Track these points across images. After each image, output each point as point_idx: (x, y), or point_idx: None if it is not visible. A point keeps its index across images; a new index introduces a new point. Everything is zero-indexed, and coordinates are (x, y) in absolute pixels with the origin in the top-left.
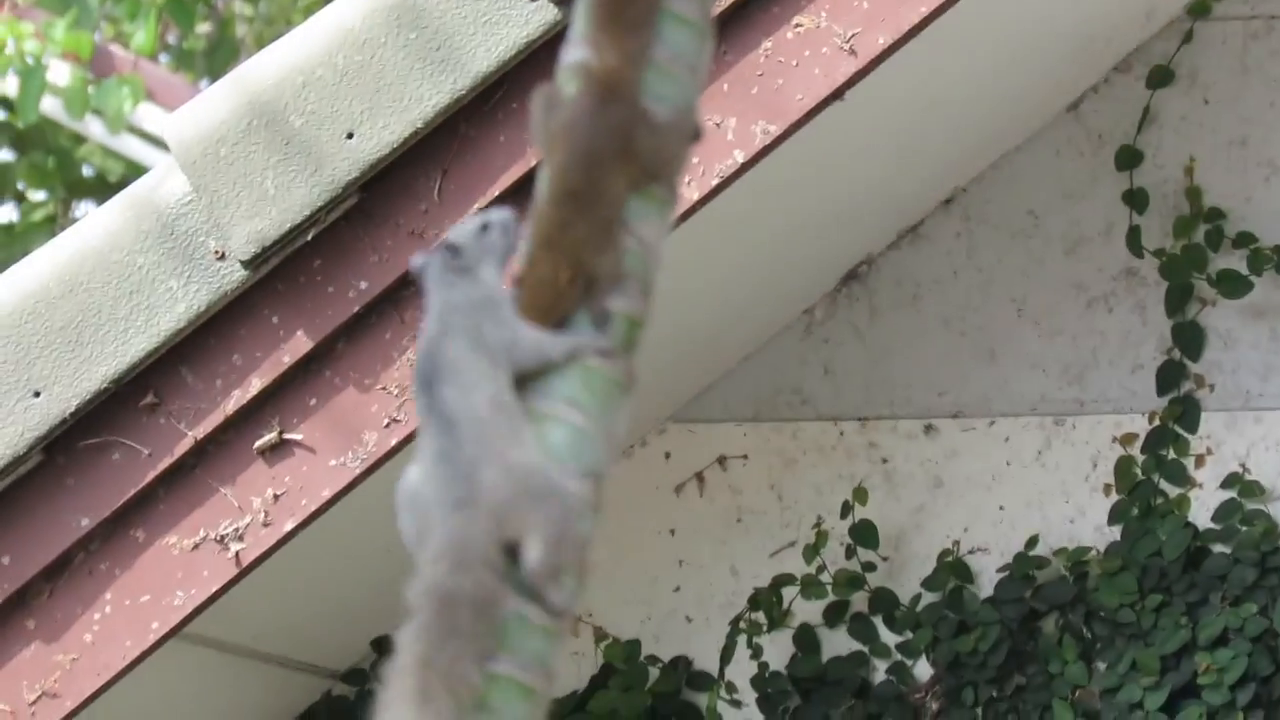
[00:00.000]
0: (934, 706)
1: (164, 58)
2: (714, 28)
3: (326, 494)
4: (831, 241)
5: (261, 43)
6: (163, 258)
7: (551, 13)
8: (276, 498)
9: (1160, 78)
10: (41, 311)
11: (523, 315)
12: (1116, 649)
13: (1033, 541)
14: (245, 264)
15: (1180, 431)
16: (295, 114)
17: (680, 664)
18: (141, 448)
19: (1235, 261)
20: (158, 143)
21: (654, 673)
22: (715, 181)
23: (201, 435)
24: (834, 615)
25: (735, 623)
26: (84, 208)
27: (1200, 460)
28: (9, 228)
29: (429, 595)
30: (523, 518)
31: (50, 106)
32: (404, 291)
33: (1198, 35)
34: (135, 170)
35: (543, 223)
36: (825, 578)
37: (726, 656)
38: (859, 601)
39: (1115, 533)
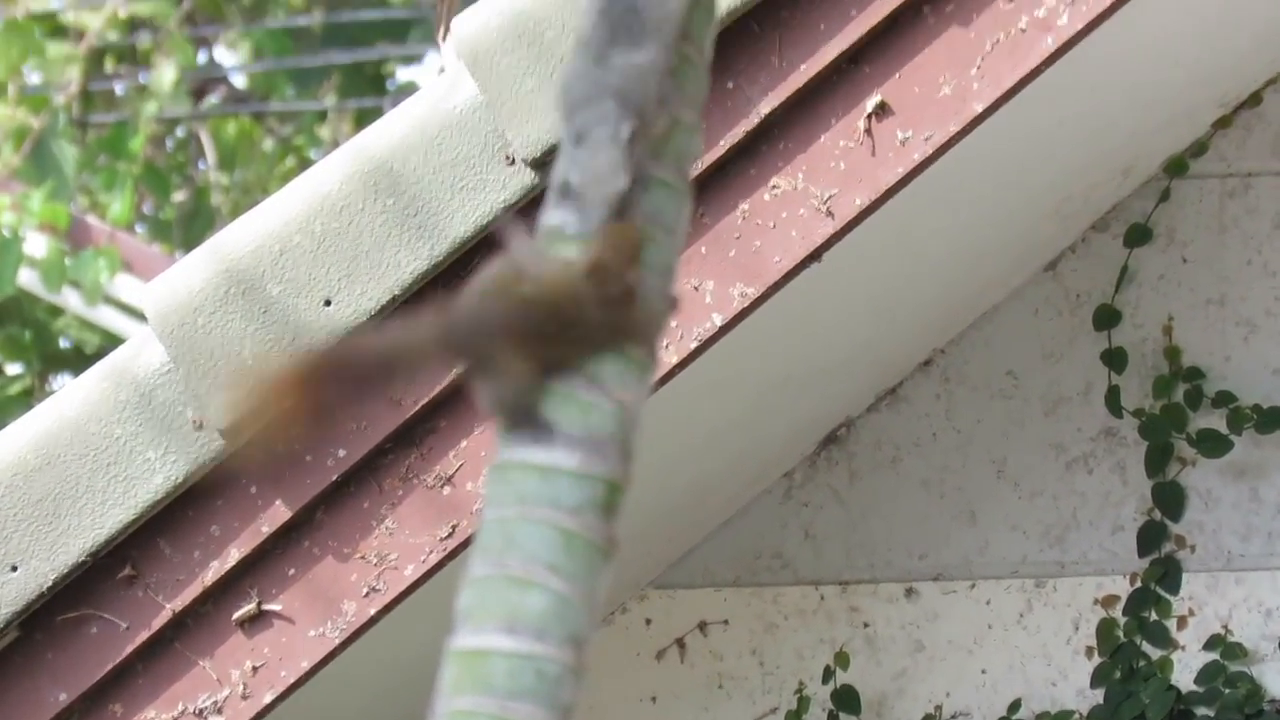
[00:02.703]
0: None
1: (140, 227)
2: (692, 190)
3: (305, 665)
4: (810, 404)
5: (237, 211)
6: (140, 428)
7: (528, 177)
8: (255, 670)
9: (1138, 236)
10: (18, 484)
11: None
12: None
13: (1015, 705)
14: (223, 434)
15: (1162, 593)
16: (273, 282)
17: None
18: (119, 621)
19: (1215, 421)
20: (135, 313)
21: None
22: (694, 345)
23: (180, 607)
24: None
25: None
26: (61, 380)
27: (1182, 622)
28: None
29: None
30: None
31: (27, 278)
32: (382, 460)
33: (1175, 193)
34: (112, 342)
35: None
36: None
37: None
38: None
39: (1098, 695)
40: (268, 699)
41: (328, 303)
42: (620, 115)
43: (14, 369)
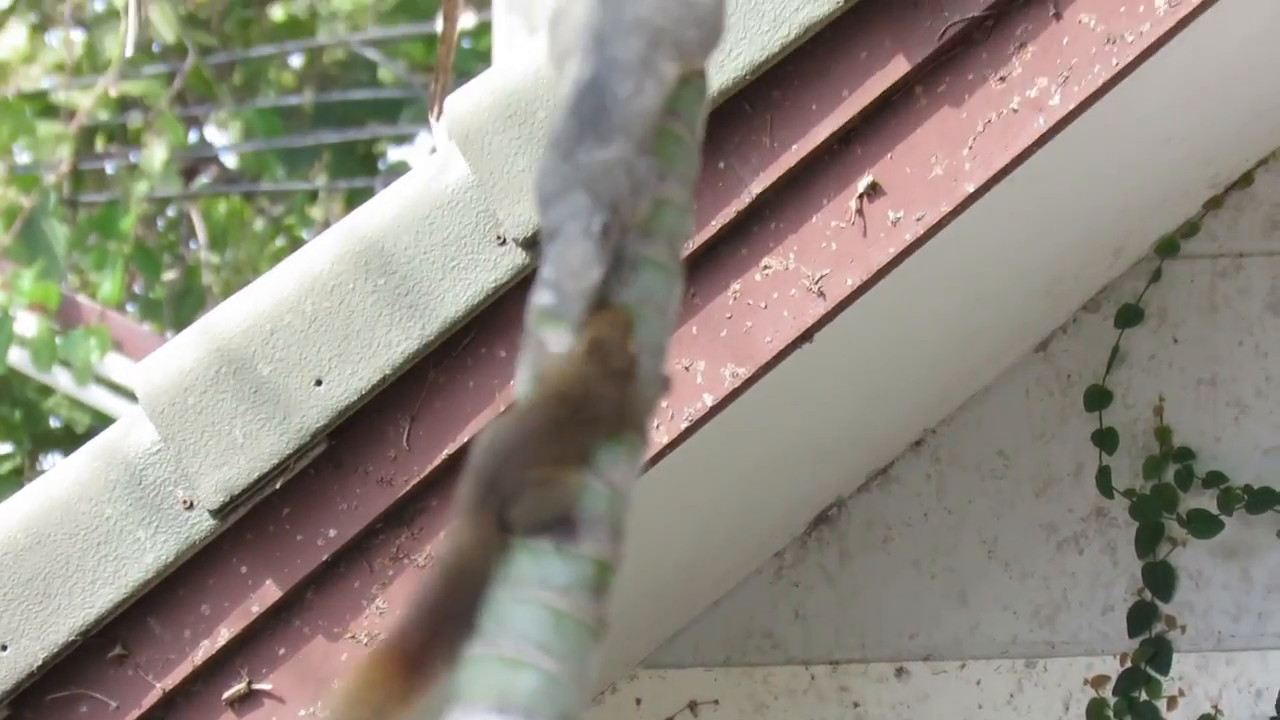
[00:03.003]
0: None
1: (131, 307)
2: (683, 270)
3: None
4: (801, 484)
5: (228, 291)
6: (131, 508)
7: (520, 257)
8: None
9: (1129, 317)
10: (8, 564)
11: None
12: None
13: None
14: (214, 513)
15: (1152, 673)
16: (263, 361)
17: None
18: (109, 700)
19: (1206, 501)
20: (125, 393)
21: None
22: (685, 425)
23: (170, 687)
24: None
25: None
26: (51, 460)
27: (1173, 702)
28: None
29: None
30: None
31: (17, 358)
32: (372, 540)
33: (1166, 273)
34: (102, 421)
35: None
36: None
37: None
38: None
39: None
40: None
41: (319, 382)
42: (592, 209)
43: (4, 448)
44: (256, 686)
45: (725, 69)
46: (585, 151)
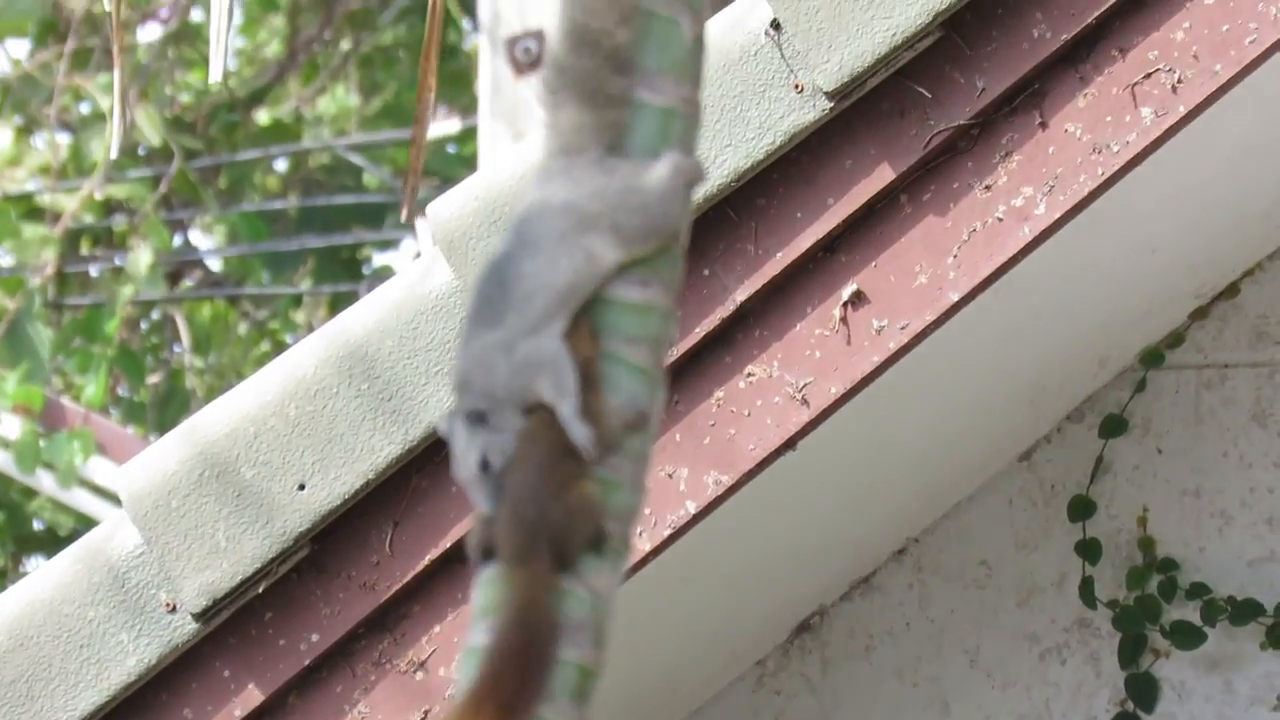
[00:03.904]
0: None
1: (114, 410)
2: (667, 377)
3: None
4: (783, 592)
5: (212, 394)
6: (114, 610)
7: None
8: None
9: (1113, 427)
10: None
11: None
12: None
13: None
14: (196, 616)
15: None
16: (247, 465)
17: None
18: None
19: (1189, 613)
20: (108, 496)
21: None
22: (667, 532)
23: None
24: None
25: None
26: (34, 562)
27: None
28: None
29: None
30: None
31: (1, 460)
32: (355, 644)
33: (1151, 384)
34: (86, 524)
35: None
36: None
37: None
38: None
39: None
40: None
41: (302, 486)
42: (450, 415)
43: None
44: None
45: (710, 176)
46: (475, 337)
